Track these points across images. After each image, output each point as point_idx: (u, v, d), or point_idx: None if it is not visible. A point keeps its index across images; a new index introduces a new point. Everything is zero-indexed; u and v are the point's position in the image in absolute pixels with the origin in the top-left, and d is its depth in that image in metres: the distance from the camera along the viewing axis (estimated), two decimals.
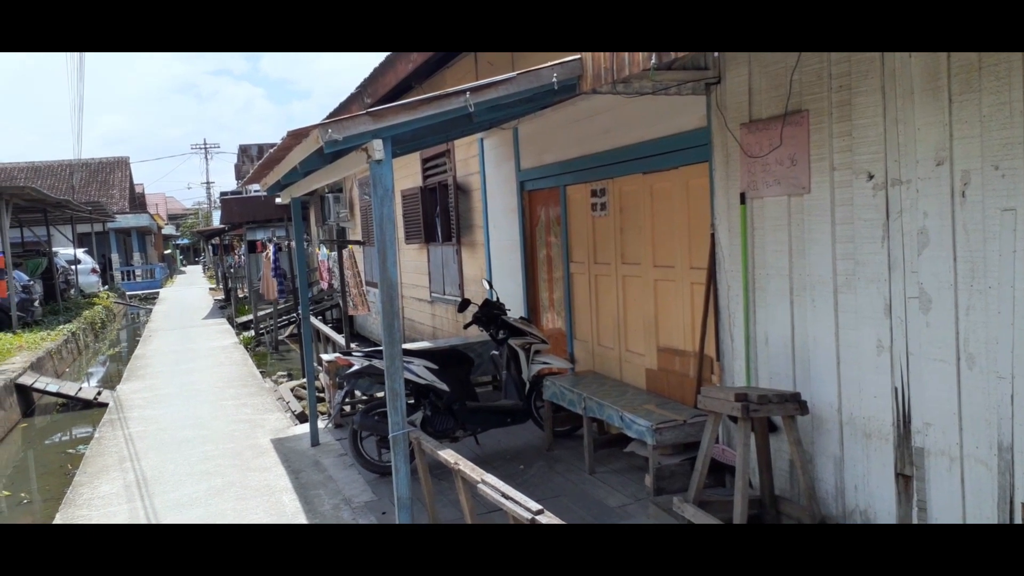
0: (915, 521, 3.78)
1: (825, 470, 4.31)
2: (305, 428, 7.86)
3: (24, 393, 11.16)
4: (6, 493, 7.81)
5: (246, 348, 15.32)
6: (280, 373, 12.37)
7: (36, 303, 17.71)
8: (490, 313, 6.75)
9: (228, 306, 24.16)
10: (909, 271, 3.68)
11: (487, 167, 8.61)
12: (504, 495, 3.50)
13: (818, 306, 4.24)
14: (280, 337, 16.65)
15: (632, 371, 6.27)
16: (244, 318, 19.83)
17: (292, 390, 10.18)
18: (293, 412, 8.92)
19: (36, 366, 12.23)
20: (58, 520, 5.97)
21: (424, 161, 10.39)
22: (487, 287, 7.34)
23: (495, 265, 8.60)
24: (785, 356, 4.51)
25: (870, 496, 4.03)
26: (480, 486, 3.70)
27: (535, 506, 3.33)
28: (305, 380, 10.39)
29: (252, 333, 17.58)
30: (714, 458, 4.61)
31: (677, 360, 5.70)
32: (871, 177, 3.83)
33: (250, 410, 9.32)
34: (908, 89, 3.60)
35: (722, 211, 4.92)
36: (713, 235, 5.01)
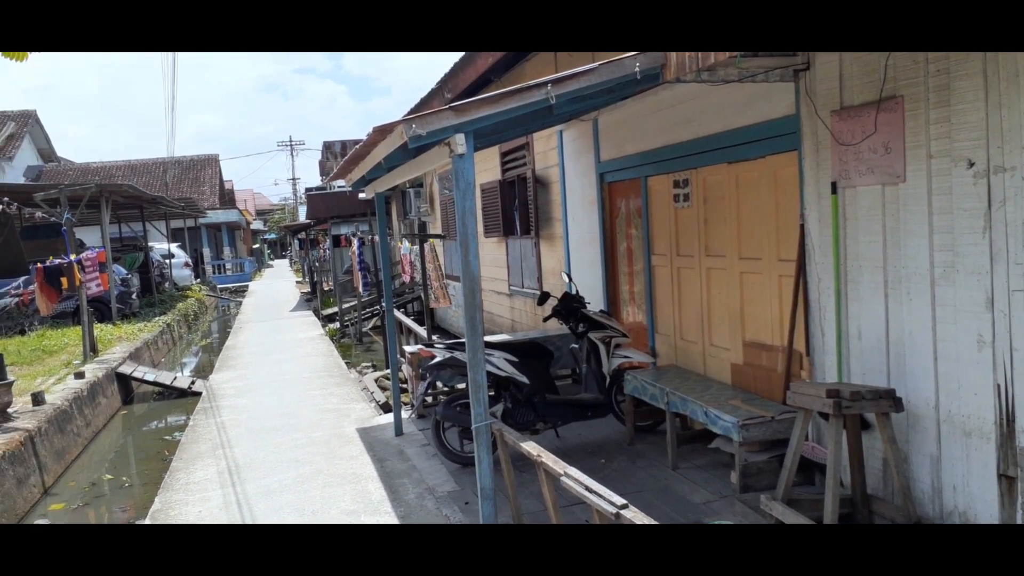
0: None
1: (921, 469, 4.15)
2: (389, 418, 8.02)
3: (124, 382, 11.72)
4: (109, 477, 8.23)
5: (331, 339, 15.70)
6: (364, 364, 12.64)
7: (134, 296, 18.57)
8: (570, 306, 6.74)
9: (314, 299, 24.81)
10: (1013, 263, 3.50)
11: (566, 159, 8.58)
12: (588, 488, 3.49)
13: (914, 299, 4.07)
14: (364, 329, 17.01)
15: (716, 366, 6.16)
16: (329, 310, 20.32)
17: (376, 380, 10.39)
18: (377, 402, 9.11)
19: (134, 356, 12.83)
20: (156, 504, 6.25)
21: (503, 155, 10.44)
22: (566, 280, 7.32)
23: (574, 258, 8.58)
24: (879, 351, 4.36)
25: (970, 497, 3.86)
26: (563, 479, 3.70)
27: (619, 500, 3.31)
28: (388, 371, 10.61)
29: (337, 325, 18.01)
30: (803, 455, 4.49)
31: (764, 355, 5.57)
32: (971, 165, 3.65)
33: (336, 400, 9.55)
34: (1013, 72, 3.42)
35: (812, 201, 4.77)
36: (803, 226, 4.87)
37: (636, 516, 3.20)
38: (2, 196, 12.13)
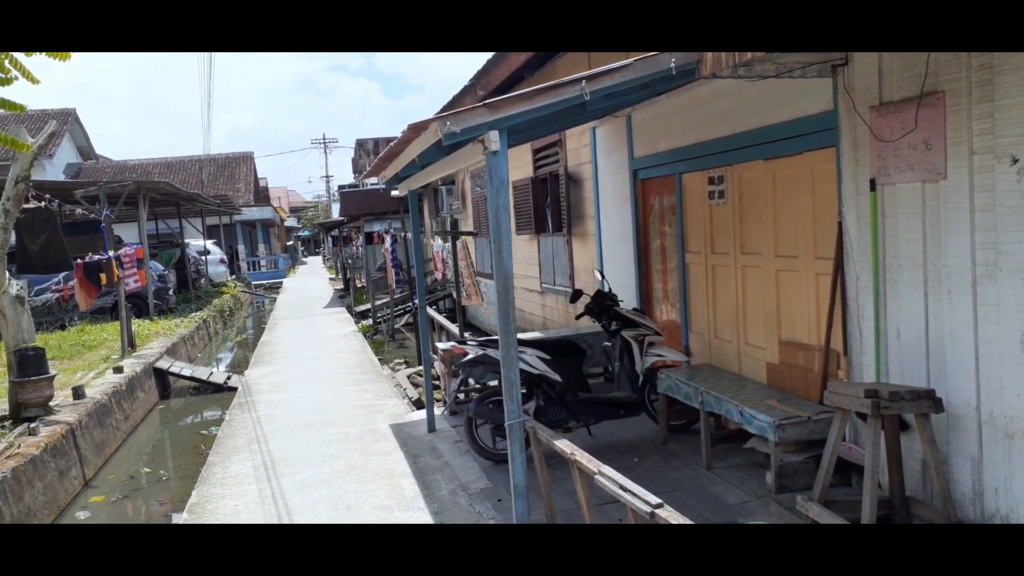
0: None
1: (962, 471, 4.07)
2: (422, 414, 8.06)
3: (161, 376, 11.92)
4: (147, 470, 8.38)
5: (364, 336, 15.83)
6: (397, 360, 12.72)
7: (170, 292, 18.87)
8: (603, 304, 6.72)
9: (347, 295, 25.03)
10: None
11: (599, 156, 8.55)
12: (622, 487, 3.48)
13: (955, 298, 4.00)
14: (396, 326, 17.12)
15: (751, 365, 6.10)
16: (362, 307, 20.48)
17: (409, 377, 10.45)
18: (410, 398, 9.16)
19: (171, 351, 13.03)
20: (193, 497, 6.34)
21: (535, 152, 10.43)
22: (599, 277, 7.30)
23: (606, 255, 8.55)
24: (918, 351, 4.28)
25: (1013, 500, 3.78)
26: (597, 477, 3.69)
27: (654, 499, 3.30)
28: (421, 368, 10.67)
29: (370, 322, 18.14)
30: (840, 456, 4.43)
31: (800, 354, 5.50)
32: (1015, 161, 3.57)
33: (370, 396, 9.63)
34: None
35: (850, 198, 4.71)
36: (840, 223, 4.80)
37: (671, 516, 3.18)
38: (45, 193, 12.37)
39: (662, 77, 4.48)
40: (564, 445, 4.13)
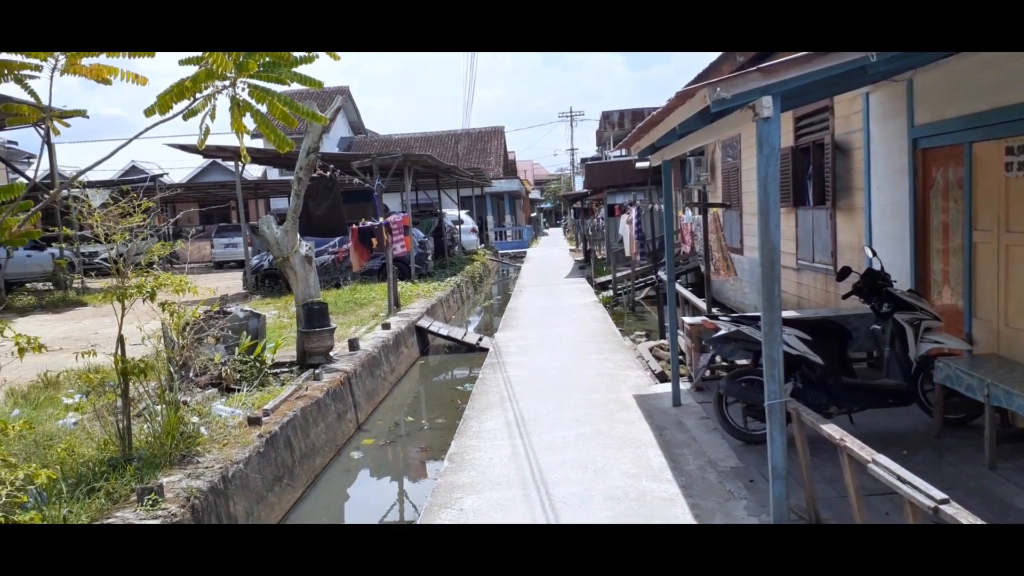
0: None
1: None
2: (665, 388, 8.01)
3: (421, 334, 12.86)
4: (409, 419, 9.11)
5: (604, 307, 15.99)
6: (638, 332, 12.72)
7: (428, 258, 20.27)
8: (874, 284, 6.24)
9: (587, 266, 25.38)
10: None
11: (872, 124, 7.90)
12: (900, 478, 3.23)
13: None
14: (636, 298, 17.10)
15: None
16: (602, 278, 20.67)
17: (651, 350, 10.41)
18: (653, 371, 9.13)
19: (430, 312, 14.00)
20: (453, 447, 6.78)
21: (797, 119, 9.84)
22: (870, 255, 6.77)
23: (876, 232, 7.91)
24: None
25: None
26: (871, 466, 3.45)
27: (939, 494, 3.03)
28: (663, 340, 10.59)
29: (610, 293, 18.28)
30: None
31: None
32: None
33: (612, 365, 9.73)
34: None
35: None
36: None
37: (959, 513, 2.91)
38: (328, 164, 13.72)
39: None
40: (832, 430, 3.91)
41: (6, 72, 5.13)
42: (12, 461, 4.08)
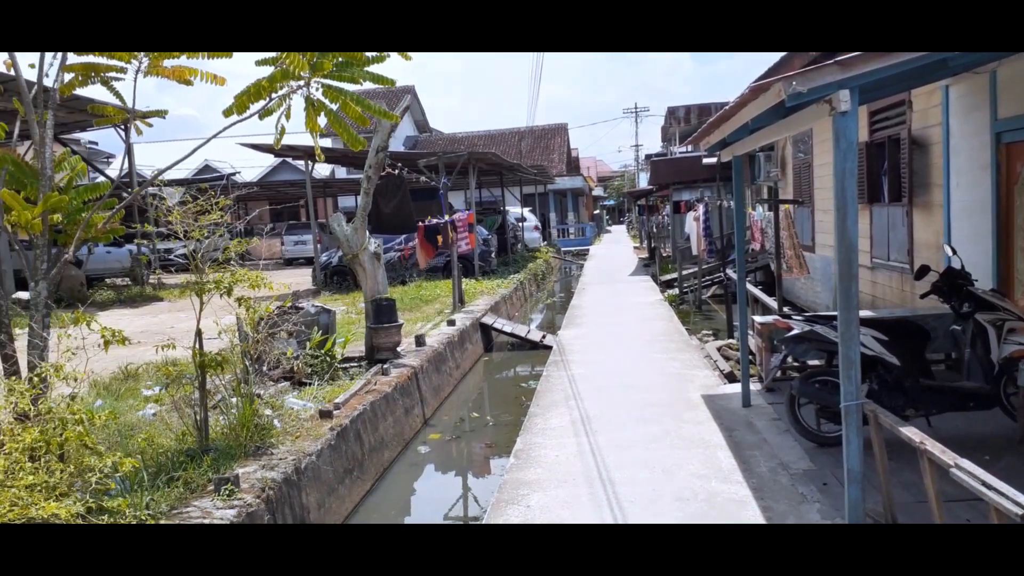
0: None
1: None
2: (734, 388, 7.89)
3: (485, 331, 12.93)
4: (475, 415, 9.18)
5: (670, 305, 15.82)
6: (705, 331, 12.54)
7: (492, 255, 20.37)
8: (954, 283, 6.03)
9: (652, 264, 25.15)
10: None
11: (951, 118, 7.63)
12: (986, 484, 3.12)
13: None
14: (703, 296, 16.87)
15: None
16: (667, 276, 20.44)
17: (719, 349, 10.26)
18: (721, 371, 8.99)
19: (494, 309, 14.06)
20: (519, 444, 6.81)
21: (871, 114, 9.56)
22: (949, 253, 6.54)
23: (955, 229, 7.64)
24: None
25: None
26: (953, 471, 3.34)
27: None
28: (731, 340, 10.44)
29: (675, 291, 18.07)
30: None
31: None
32: None
33: (678, 364, 9.62)
34: None
35: None
36: None
37: None
38: (396, 162, 13.91)
39: None
40: (912, 432, 3.80)
41: (93, 74, 5.35)
42: (100, 449, 4.25)
